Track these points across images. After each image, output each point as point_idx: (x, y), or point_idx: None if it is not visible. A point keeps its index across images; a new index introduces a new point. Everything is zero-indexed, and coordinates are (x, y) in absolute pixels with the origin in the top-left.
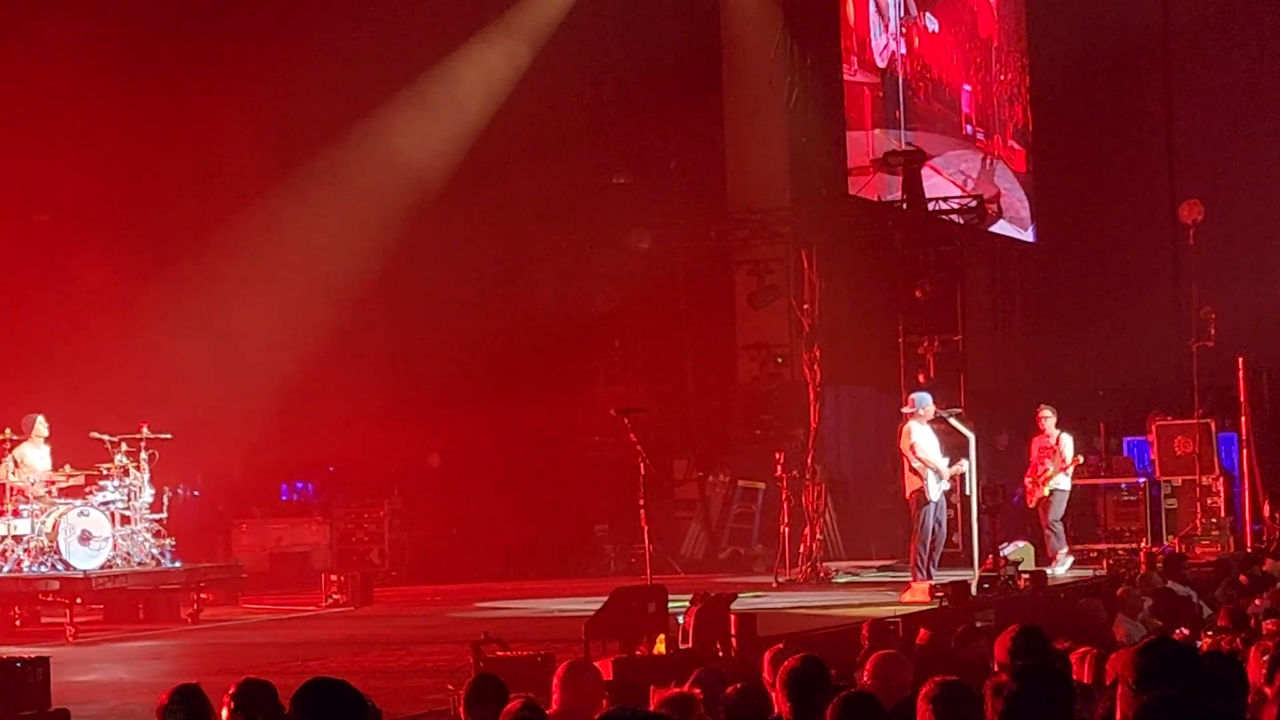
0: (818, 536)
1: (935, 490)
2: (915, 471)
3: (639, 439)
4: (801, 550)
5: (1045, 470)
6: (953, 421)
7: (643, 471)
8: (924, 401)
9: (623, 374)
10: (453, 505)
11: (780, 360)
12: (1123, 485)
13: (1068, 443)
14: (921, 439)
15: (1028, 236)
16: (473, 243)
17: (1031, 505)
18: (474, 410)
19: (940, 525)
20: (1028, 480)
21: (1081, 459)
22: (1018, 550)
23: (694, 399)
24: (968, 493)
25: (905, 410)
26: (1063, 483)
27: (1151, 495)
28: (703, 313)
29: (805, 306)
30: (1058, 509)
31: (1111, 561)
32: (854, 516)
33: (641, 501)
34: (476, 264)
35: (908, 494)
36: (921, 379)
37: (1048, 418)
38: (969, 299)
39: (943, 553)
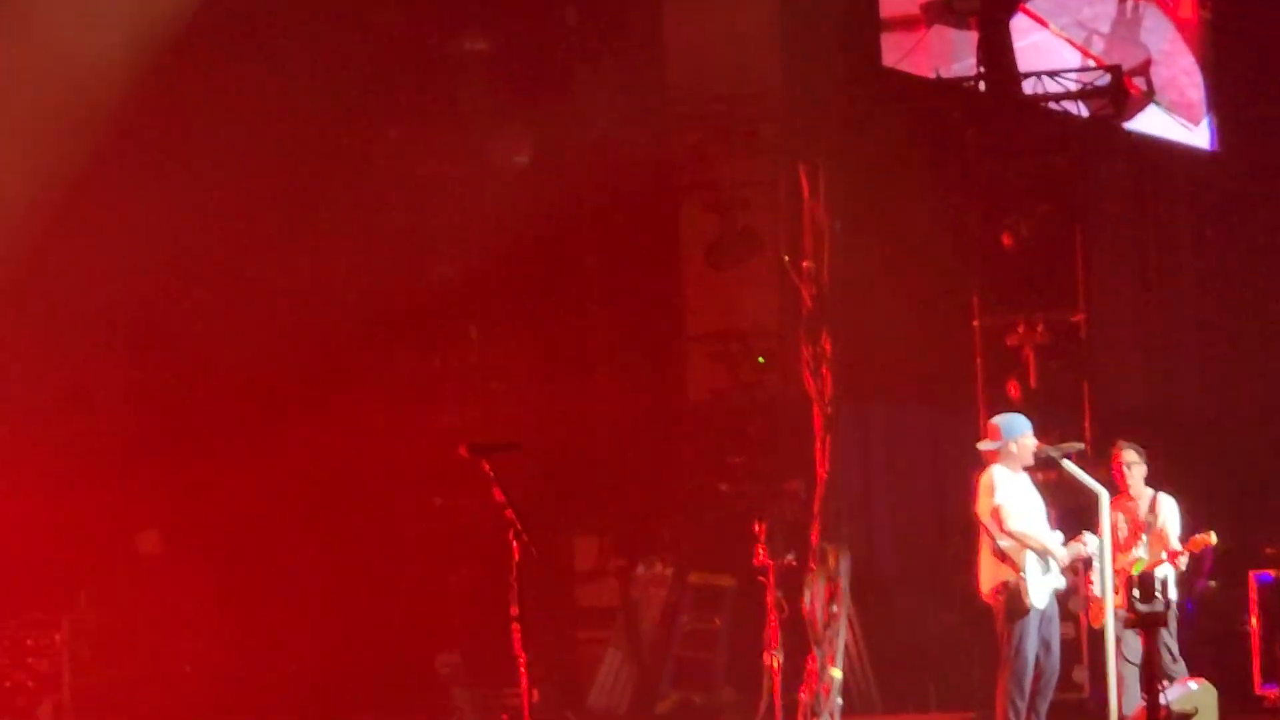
0: (831, 671)
1: (1039, 589)
2: (1003, 555)
3: (510, 501)
4: (802, 698)
5: (1132, 559)
6: (1068, 467)
7: (517, 558)
8: (1016, 431)
9: (484, 386)
10: (184, 621)
11: (763, 360)
12: None
13: (1170, 510)
14: (1011, 498)
15: (1200, 138)
16: (201, 172)
17: (1099, 624)
18: (217, 457)
19: (1049, 651)
20: (1094, 583)
21: (1214, 538)
22: (1190, 696)
23: (609, 430)
24: (1098, 592)
25: (983, 448)
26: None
27: None
28: (626, 278)
29: (805, 265)
30: (1170, 629)
31: None
32: (896, 636)
33: (516, 612)
34: (209, 208)
35: (989, 594)
36: (1013, 392)
37: (1132, 466)
38: (1098, 249)
39: (1055, 699)
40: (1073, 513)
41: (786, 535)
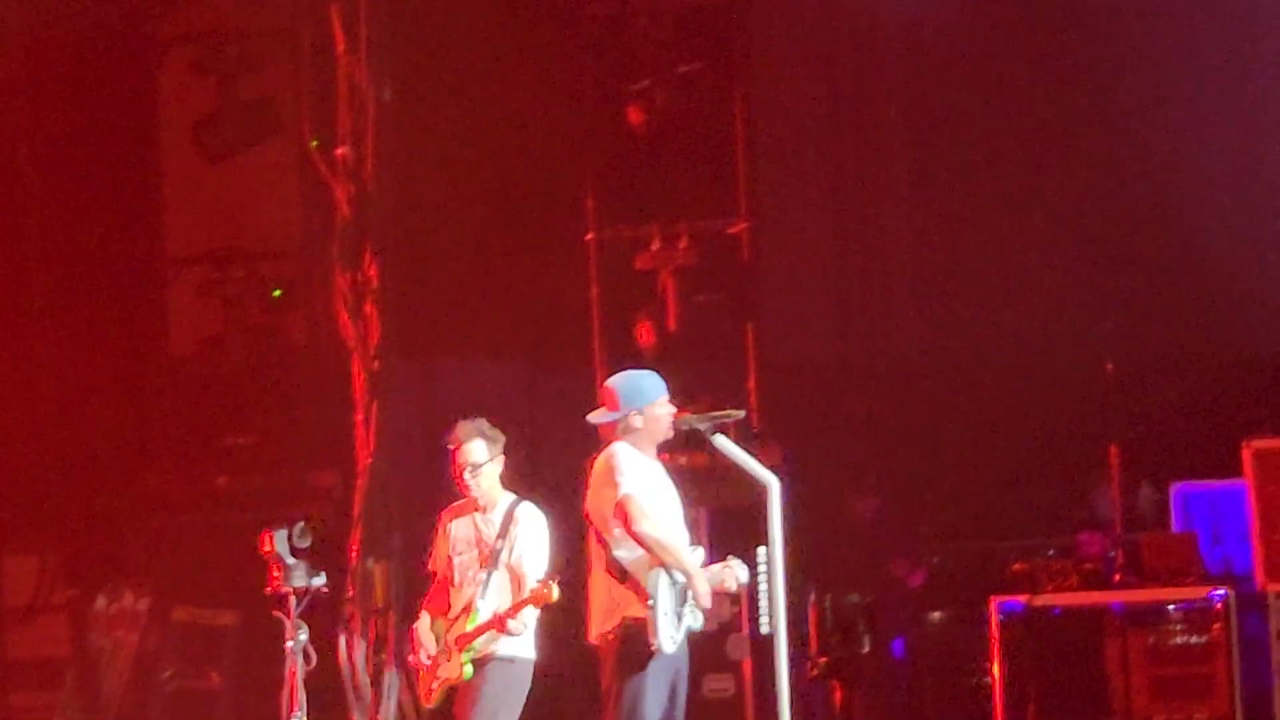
0: None
1: (671, 627)
2: (623, 574)
3: None
4: None
5: (463, 609)
6: (722, 446)
7: None
8: (643, 396)
9: None
10: None
11: (279, 294)
12: (1170, 607)
13: (532, 532)
14: (644, 487)
15: None
16: None
17: (430, 704)
18: None
19: (676, 716)
20: (422, 646)
21: (555, 592)
22: None
23: (51, 399)
24: (764, 629)
25: (596, 420)
26: (515, 645)
27: (1244, 631)
28: (75, 174)
29: (341, 153)
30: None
31: None
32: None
33: None
34: None
35: (598, 634)
36: (645, 336)
37: (479, 463)
38: (767, 129)
39: None
40: (732, 516)
41: (314, 550)
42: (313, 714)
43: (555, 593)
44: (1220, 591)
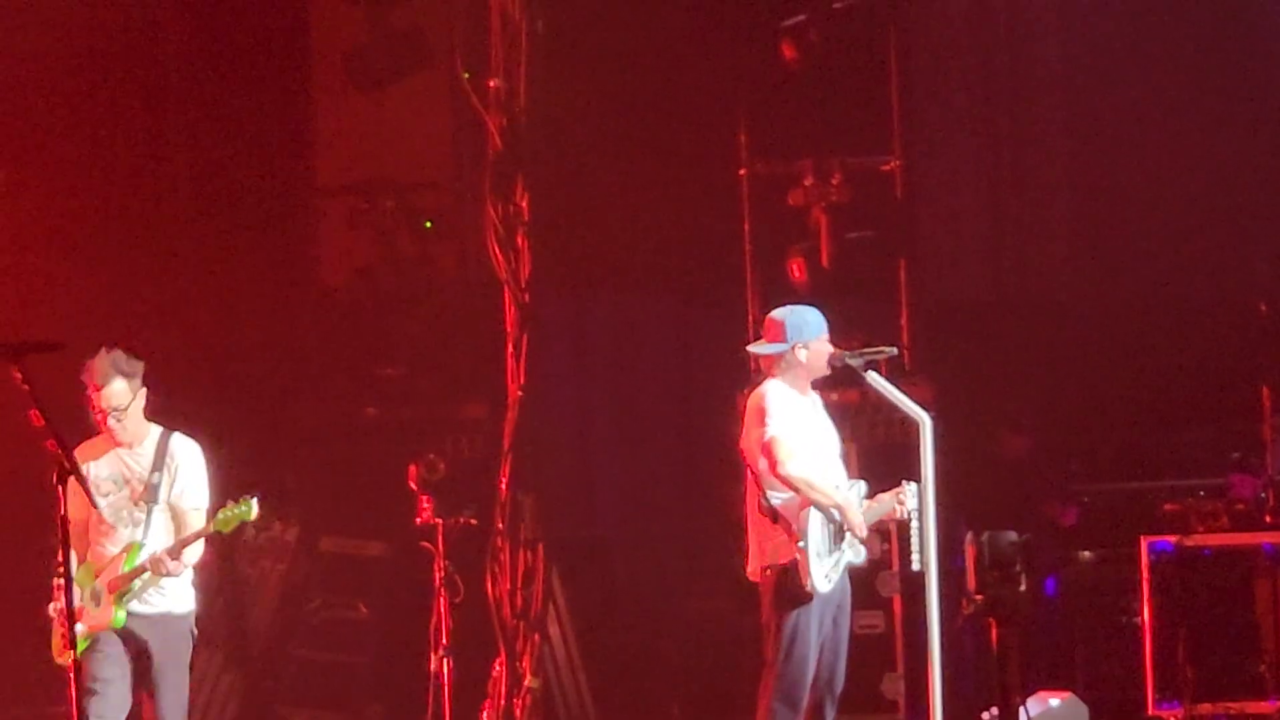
0: (529, 682)
1: (824, 566)
2: (775, 515)
3: (53, 428)
4: (485, 719)
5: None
6: (875, 382)
7: (65, 511)
8: (808, 331)
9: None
10: None
11: (430, 225)
12: None
13: (190, 469)
14: (792, 427)
15: None
16: None
17: (62, 658)
18: None
19: (837, 654)
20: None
21: (251, 506)
22: (1053, 717)
23: (200, 329)
24: (915, 567)
25: (758, 351)
26: (179, 598)
27: None
28: (227, 103)
29: (493, 85)
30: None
31: None
32: (627, 630)
33: (63, 580)
34: None
35: (755, 571)
36: (797, 272)
37: (115, 396)
38: (922, 64)
39: None
40: (882, 450)
41: (463, 482)
42: (460, 646)
43: (254, 510)
44: None
